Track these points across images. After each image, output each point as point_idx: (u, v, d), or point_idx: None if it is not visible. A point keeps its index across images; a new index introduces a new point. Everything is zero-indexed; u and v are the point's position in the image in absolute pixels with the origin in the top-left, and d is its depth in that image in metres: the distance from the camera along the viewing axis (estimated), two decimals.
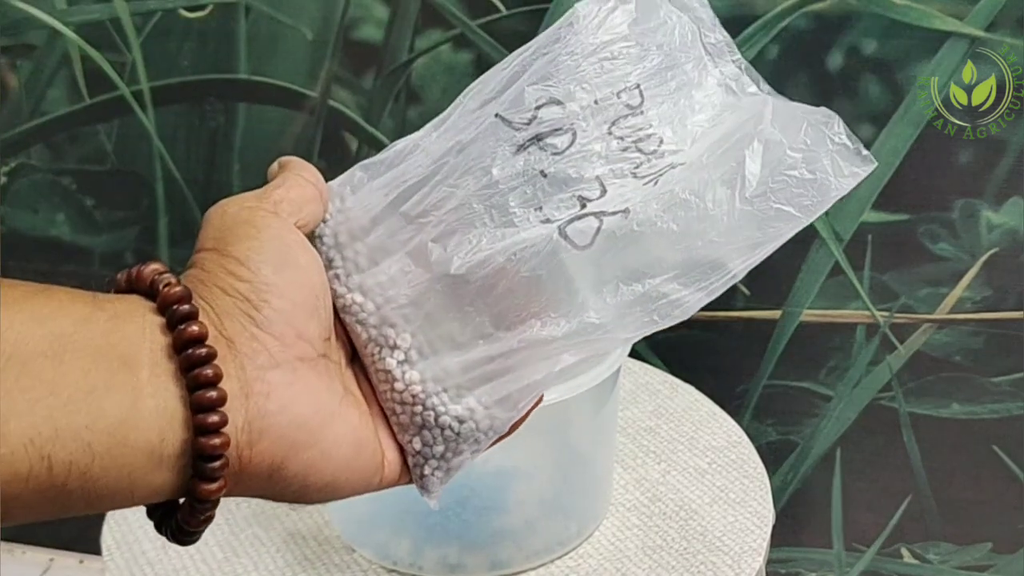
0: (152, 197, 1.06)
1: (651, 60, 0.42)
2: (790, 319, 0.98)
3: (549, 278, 0.39)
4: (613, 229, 0.39)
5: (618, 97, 0.41)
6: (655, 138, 0.41)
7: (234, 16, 0.99)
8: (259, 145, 1.02)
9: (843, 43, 0.89)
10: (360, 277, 0.40)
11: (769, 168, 0.39)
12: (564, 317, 0.39)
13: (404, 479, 0.40)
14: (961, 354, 0.96)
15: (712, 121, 0.42)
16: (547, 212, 0.40)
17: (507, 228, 0.39)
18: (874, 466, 1.01)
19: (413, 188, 0.41)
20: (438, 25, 0.95)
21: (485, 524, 0.70)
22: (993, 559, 1.02)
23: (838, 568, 1.05)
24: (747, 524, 0.75)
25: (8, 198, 1.09)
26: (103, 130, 1.05)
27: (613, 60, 0.42)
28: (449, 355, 0.40)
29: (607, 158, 0.40)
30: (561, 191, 0.40)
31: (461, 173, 0.40)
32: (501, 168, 0.40)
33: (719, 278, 0.40)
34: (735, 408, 1.00)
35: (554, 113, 0.41)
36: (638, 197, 0.39)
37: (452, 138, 0.41)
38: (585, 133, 0.41)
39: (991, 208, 0.91)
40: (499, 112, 0.41)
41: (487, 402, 0.40)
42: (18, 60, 1.04)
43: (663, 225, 0.39)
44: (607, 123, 0.41)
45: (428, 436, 0.40)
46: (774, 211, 0.40)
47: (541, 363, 0.39)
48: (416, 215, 0.40)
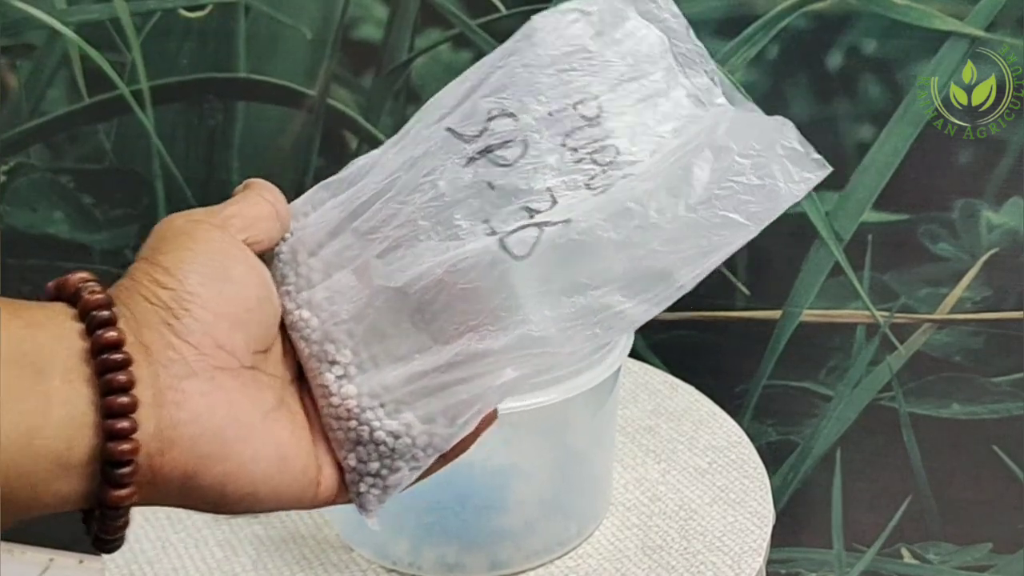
0: (152, 195, 1.06)
1: (613, 71, 0.41)
2: (790, 319, 0.98)
3: (488, 290, 0.38)
4: (554, 239, 0.38)
5: (575, 108, 0.40)
6: (612, 149, 0.40)
7: (234, 16, 0.98)
8: (258, 143, 1.02)
9: (843, 43, 0.89)
10: (309, 293, 0.40)
11: (717, 175, 0.39)
12: (503, 330, 0.38)
13: (342, 497, 0.40)
14: (961, 354, 0.96)
15: (676, 132, 0.41)
16: (494, 224, 0.39)
17: (452, 241, 0.39)
18: (874, 466, 1.01)
19: (366, 204, 0.41)
20: (437, 25, 0.95)
21: (484, 524, 0.70)
22: (993, 559, 1.02)
23: (838, 568, 1.05)
24: (747, 524, 0.75)
25: (7, 196, 1.09)
26: (102, 129, 1.05)
27: (571, 72, 0.41)
28: (388, 369, 0.39)
29: (559, 170, 0.40)
30: (509, 203, 0.39)
31: (411, 188, 0.40)
32: (449, 181, 0.40)
33: (666, 288, 0.39)
34: (735, 408, 1.00)
35: (506, 125, 0.40)
36: (584, 207, 0.39)
37: (407, 153, 0.41)
38: (538, 145, 0.40)
39: (991, 208, 0.91)
40: (450, 126, 0.41)
41: (425, 417, 0.39)
42: (18, 60, 1.04)
43: (604, 235, 0.38)
44: (562, 134, 0.40)
45: (363, 452, 0.39)
46: (720, 219, 0.39)
47: (481, 378, 0.39)
48: (366, 231, 0.40)
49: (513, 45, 0.42)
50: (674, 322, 1.00)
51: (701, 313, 0.99)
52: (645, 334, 1.00)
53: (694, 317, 0.99)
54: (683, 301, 0.39)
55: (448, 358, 0.39)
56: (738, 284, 0.98)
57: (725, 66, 0.91)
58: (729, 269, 0.97)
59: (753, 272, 0.97)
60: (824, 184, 0.97)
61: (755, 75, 0.91)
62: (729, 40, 0.90)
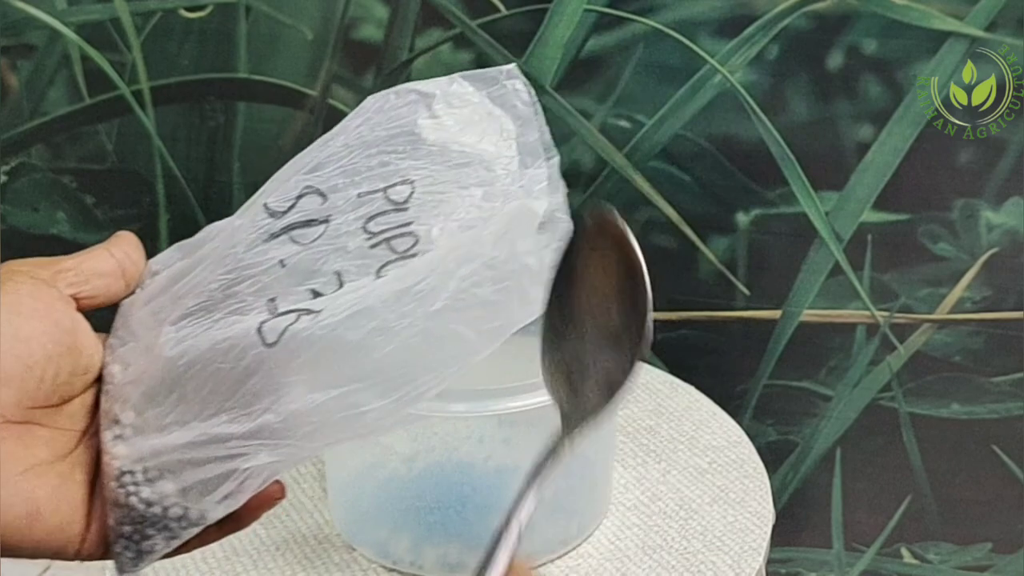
0: (153, 195, 1.06)
1: (438, 157, 0.40)
2: (790, 319, 0.98)
3: (240, 373, 0.38)
4: (299, 331, 0.38)
5: (385, 192, 0.40)
6: (412, 237, 0.39)
7: (234, 16, 0.99)
8: (259, 144, 1.02)
9: (843, 43, 0.90)
10: (124, 349, 0.40)
11: (466, 283, 0.38)
12: (248, 416, 0.38)
13: (109, 554, 0.40)
14: (961, 354, 0.96)
15: (488, 226, 0.39)
16: (278, 304, 0.39)
17: (235, 316, 0.39)
18: (874, 466, 1.01)
19: (187, 269, 0.41)
20: (438, 25, 0.95)
21: (486, 523, 0.70)
22: (993, 559, 1.02)
23: (838, 568, 1.05)
24: (747, 524, 0.75)
25: (8, 197, 1.09)
26: (103, 130, 1.05)
27: (391, 154, 0.40)
28: (155, 437, 0.39)
29: (353, 253, 0.39)
30: (297, 283, 0.39)
31: (218, 259, 0.40)
32: (248, 255, 0.39)
33: (412, 391, 0.38)
34: (735, 408, 1.00)
35: (313, 204, 0.40)
36: (341, 300, 0.38)
37: (235, 222, 0.41)
38: (338, 226, 0.39)
39: (991, 208, 0.92)
40: (267, 200, 0.41)
41: (181, 489, 0.39)
42: (18, 60, 1.05)
43: (344, 333, 0.38)
44: (365, 217, 0.39)
45: (118, 513, 0.39)
46: (451, 332, 0.38)
47: (234, 459, 0.38)
48: (179, 296, 0.40)
49: (343, 124, 0.41)
50: (674, 322, 1.00)
51: (701, 313, 0.99)
52: None
53: (694, 317, 0.99)
54: (683, 301, 0.39)
55: (199, 435, 0.39)
56: (738, 284, 0.98)
57: (725, 66, 0.91)
58: (729, 269, 0.97)
59: (753, 272, 0.97)
60: (824, 184, 0.98)
61: (755, 75, 0.91)
62: (729, 40, 0.90)
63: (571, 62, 0.94)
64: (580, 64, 0.94)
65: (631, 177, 0.96)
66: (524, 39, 0.94)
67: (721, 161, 0.94)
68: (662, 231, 0.97)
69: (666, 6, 0.91)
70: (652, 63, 0.93)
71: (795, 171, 0.93)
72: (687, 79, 0.92)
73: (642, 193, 0.96)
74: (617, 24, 0.93)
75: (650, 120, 0.94)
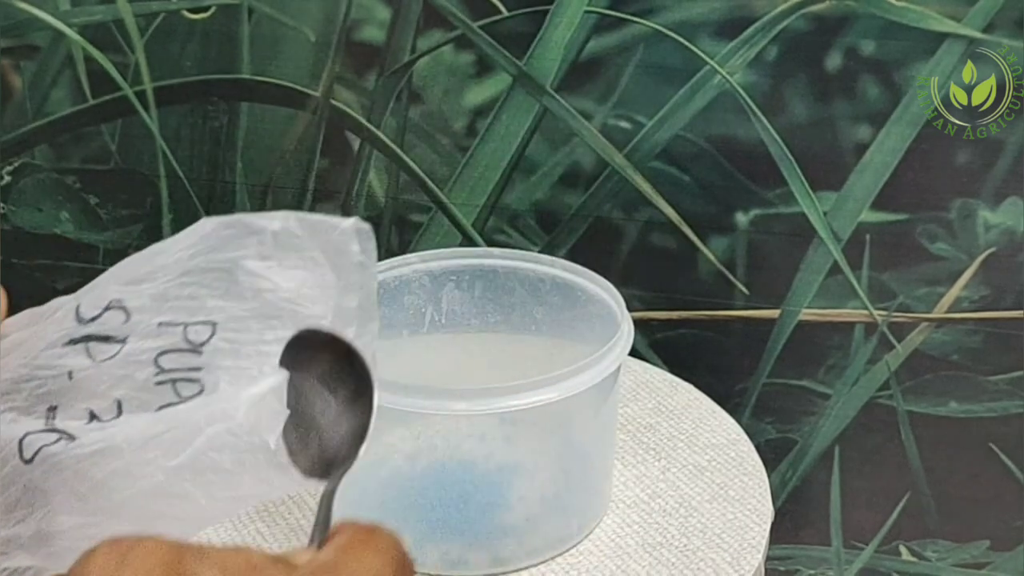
0: (156, 195, 1.06)
1: (250, 302, 0.38)
2: (789, 318, 0.98)
3: (2, 480, 0.37)
4: (53, 455, 0.37)
5: (184, 329, 0.38)
6: (197, 385, 0.38)
7: (237, 17, 0.99)
8: (262, 144, 1.03)
9: (841, 44, 0.90)
10: None
11: (215, 442, 0.36)
12: (5, 522, 0.37)
13: None
14: (959, 353, 0.97)
15: (251, 388, 0.37)
16: (57, 415, 0.38)
17: (13, 414, 0.38)
18: (872, 464, 1.02)
19: (8, 347, 0.40)
20: (439, 26, 0.96)
21: (487, 520, 0.71)
22: (991, 556, 1.02)
23: (837, 565, 1.06)
24: (746, 521, 0.75)
25: (12, 197, 1.09)
26: (107, 130, 1.05)
27: (203, 288, 0.38)
28: None
29: (138, 385, 0.38)
30: (80, 399, 0.38)
31: (21, 352, 0.39)
32: (44, 355, 0.38)
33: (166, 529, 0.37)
34: (734, 406, 1.00)
35: (117, 320, 0.38)
36: (101, 432, 0.37)
37: (69, 303, 0.40)
38: (132, 352, 0.38)
39: (988, 208, 0.92)
40: (80, 301, 0.39)
41: None
42: (22, 61, 1.05)
43: (90, 467, 0.36)
44: (158, 350, 0.38)
45: None
46: (185, 491, 0.36)
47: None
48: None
49: (173, 240, 0.39)
50: (674, 321, 1.00)
51: (701, 312, 1.00)
52: (645, 333, 1.00)
53: (694, 316, 1.00)
54: (683, 300, 0.39)
55: None
56: (737, 284, 0.98)
57: (725, 67, 0.92)
58: (729, 269, 0.98)
59: (752, 272, 0.98)
60: (823, 184, 0.98)
61: (754, 76, 0.92)
62: (729, 41, 0.91)
63: (572, 63, 0.95)
64: (581, 65, 0.95)
65: (631, 178, 0.97)
66: (525, 40, 0.95)
67: (720, 162, 0.95)
68: (662, 231, 0.98)
69: (666, 8, 0.91)
70: (652, 64, 0.93)
71: (794, 171, 0.94)
72: (687, 80, 0.93)
73: (642, 193, 0.97)
74: (617, 25, 0.93)
75: (650, 121, 0.95)
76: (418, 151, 1.00)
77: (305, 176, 1.03)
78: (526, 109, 0.97)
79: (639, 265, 0.99)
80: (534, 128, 0.97)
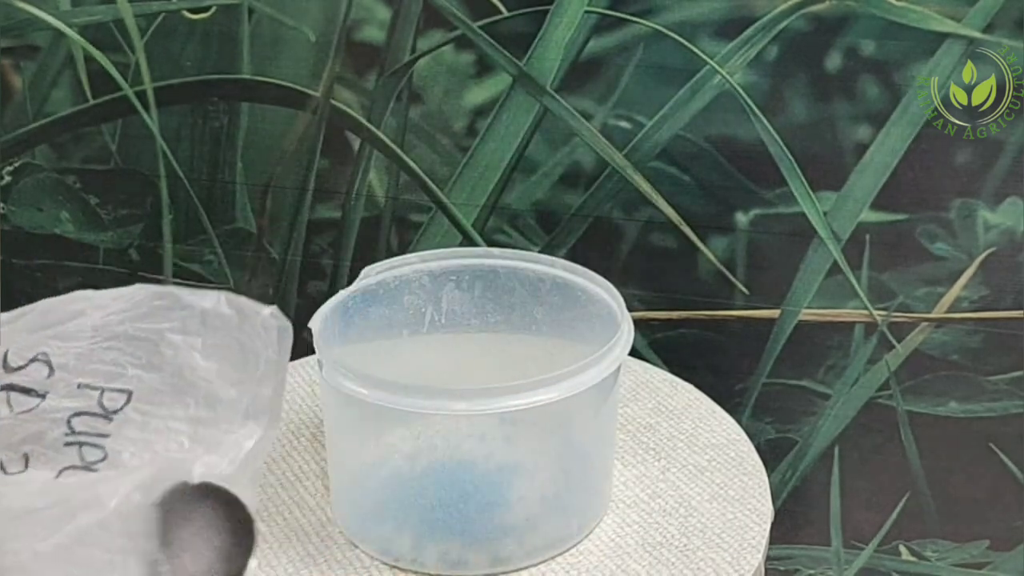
0: (156, 195, 1.06)
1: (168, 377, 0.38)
2: (789, 318, 0.98)
3: None
4: None
5: (101, 394, 0.38)
6: (101, 451, 0.38)
7: (237, 17, 0.99)
8: (262, 144, 1.03)
9: (841, 44, 0.90)
10: None
11: (76, 532, 0.35)
12: None
13: None
14: (958, 353, 0.97)
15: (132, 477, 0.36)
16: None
17: None
18: (872, 464, 1.02)
19: None
20: (440, 26, 0.96)
21: (487, 520, 0.71)
22: (990, 556, 1.02)
23: (836, 565, 1.06)
24: (746, 521, 0.75)
25: (12, 197, 1.09)
26: (107, 130, 1.05)
27: (127, 355, 0.38)
28: None
29: (48, 443, 0.37)
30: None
31: None
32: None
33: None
34: (734, 406, 1.00)
35: (40, 373, 0.38)
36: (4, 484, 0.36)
37: None
38: (48, 408, 0.38)
39: (988, 208, 0.92)
40: (8, 346, 0.39)
41: None
42: (22, 61, 1.05)
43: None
44: (73, 411, 0.38)
45: None
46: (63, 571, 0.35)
47: None
48: None
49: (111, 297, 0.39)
50: (674, 321, 1.00)
51: (700, 312, 1.00)
52: (645, 333, 1.00)
53: (694, 316, 1.00)
54: (683, 300, 0.39)
55: None
56: (737, 284, 0.98)
57: (725, 68, 0.92)
58: (728, 269, 0.98)
59: (752, 272, 0.98)
60: (823, 184, 0.99)
61: (754, 76, 0.92)
62: (729, 41, 0.91)
63: (572, 63, 0.95)
64: (581, 65, 0.95)
65: (631, 177, 0.97)
66: (525, 40, 0.95)
67: (720, 162, 0.95)
68: (662, 231, 0.98)
69: (666, 8, 0.91)
70: (652, 64, 0.93)
71: (794, 171, 0.94)
72: (687, 80, 0.93)
73: (642, 193, 0.97)
74: (617, 26, 0.93)
75: (650, 121, 0.95)
76: (418, 151, 1.00)
77: (305, 176, 1.03)
78: (526, 109, 0.97)
79: (639, 265, 0.99)
80: (534, 128, 0.97)
